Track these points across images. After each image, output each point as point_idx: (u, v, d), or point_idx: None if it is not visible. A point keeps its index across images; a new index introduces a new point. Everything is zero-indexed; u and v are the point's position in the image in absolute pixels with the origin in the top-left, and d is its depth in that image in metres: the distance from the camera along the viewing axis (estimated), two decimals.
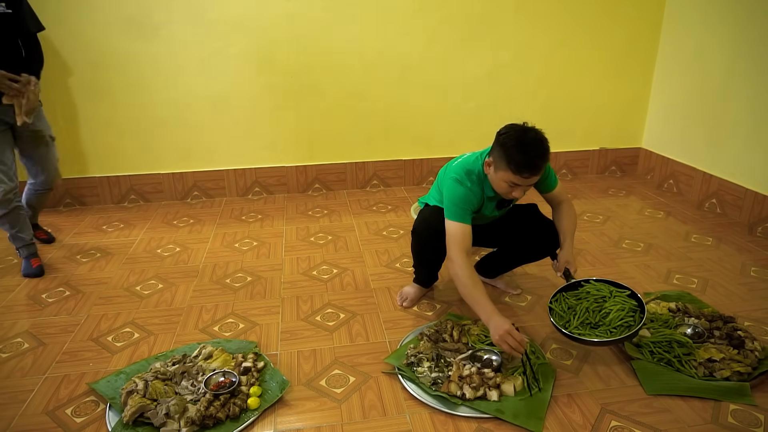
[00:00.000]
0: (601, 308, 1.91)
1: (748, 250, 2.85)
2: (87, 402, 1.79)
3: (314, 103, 3.61)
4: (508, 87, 3.77)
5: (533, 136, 1.83)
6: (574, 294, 2.01)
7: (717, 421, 1.67)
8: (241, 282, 2.58)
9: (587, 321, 1.90)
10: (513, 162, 1.80)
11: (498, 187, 1.92)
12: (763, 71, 2.97)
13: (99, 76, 3.34)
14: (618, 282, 2.00)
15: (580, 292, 2.00)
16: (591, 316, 1.90)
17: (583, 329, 1.88)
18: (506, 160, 1.82)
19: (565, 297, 2.01)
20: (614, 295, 1.94)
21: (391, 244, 2.97)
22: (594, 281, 2.02)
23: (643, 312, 1.87)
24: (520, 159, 1.79)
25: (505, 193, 1.92)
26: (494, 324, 1.80)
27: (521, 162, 1.79)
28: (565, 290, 2.03)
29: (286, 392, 1.81)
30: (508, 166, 1.82)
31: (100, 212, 3.52)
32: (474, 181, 1.98)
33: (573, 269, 2.05)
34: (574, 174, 4.09)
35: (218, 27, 3.36)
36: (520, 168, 1.80)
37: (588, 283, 2.02)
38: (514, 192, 1.89)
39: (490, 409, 1.70)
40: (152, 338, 2.14)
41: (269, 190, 3.81)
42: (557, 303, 2.00)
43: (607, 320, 1.87)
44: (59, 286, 2.57)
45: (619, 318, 1.86)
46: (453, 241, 1.94)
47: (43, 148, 2.73)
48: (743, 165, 3.16)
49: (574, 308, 1.94)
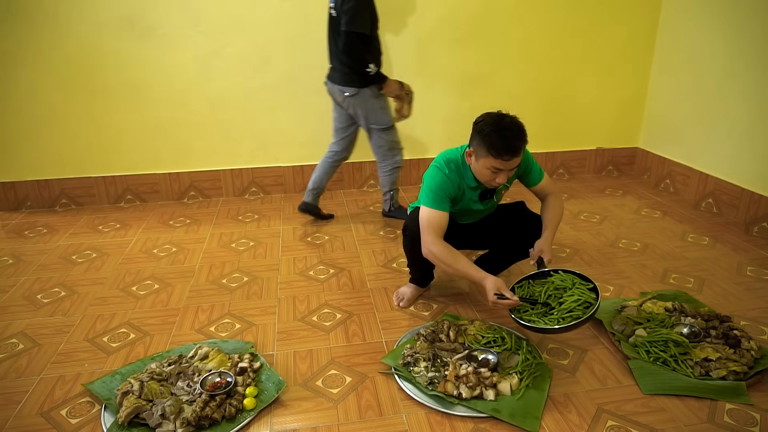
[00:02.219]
0: (560, 297, 1.91)
1: (744, 249, 2.86)
2: (82, 403, 1.78)
3: (311, 102, 3.60)
4: (504, 87, 3.77)
5: (509, 120, 1.89)
6: (540, 282, 2.01)
7: (713, 420, 1.68)
8: (238, 282, 2.58)
9: (539, 308, 1.91)
10: (493, 147, 1.86)
11: (481, 175, 1.96)
12: (759, 71, 2.98)
13: (95, 76, 3.33)
14: (585, 275, 1.98)
15: (546, 281, 2.00)
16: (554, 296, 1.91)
17: (534, 316, 1.88)
18: (486, 146, 1.87)
19: (530, 284, 2.01)
20: (576, 286, 1.94)
21: (388, 244, 2.97)
22: (562, 272, 2.01)
23: (596, 309, 1.86)
24: (499, 143, 1.85)
25: (489, 181, 1.96)
26: (488, 285, 1.88)
27: (501, 146, 1.85)
28: (532, 278, 2.03)
29: (283, 393, 1.80)
30: (489, 151, 1.87)
31: (96, 212, 3.51)
32: (453, 169, 2.02)
33: (547, 258, 2.05)
34: (571, 174, 4.09)
35: (214, 27, 3.36)
36: (500, 152, 1.85)
37: (557, 273, 2.01)
38: (497, 178, 1.93)
39: (486, 409, 1.70)
40: (148, 339, 2.13)
41: (266, 190, 3.80)
42: (521, 289, 2.00)
43: (561, 308, 1.87)
44: (54, 286, 2.56)
45: (569, 310, 1.85)
46: (427, 226, 1.98)
47: None
48: (739, 165, 3.17)
49: (533, 294, 1.96)
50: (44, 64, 3.27)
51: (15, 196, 3.53)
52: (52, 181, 3.53)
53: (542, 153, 3.96)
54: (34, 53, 3.24)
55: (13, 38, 3.19)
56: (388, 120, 2.98)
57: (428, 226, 1.98)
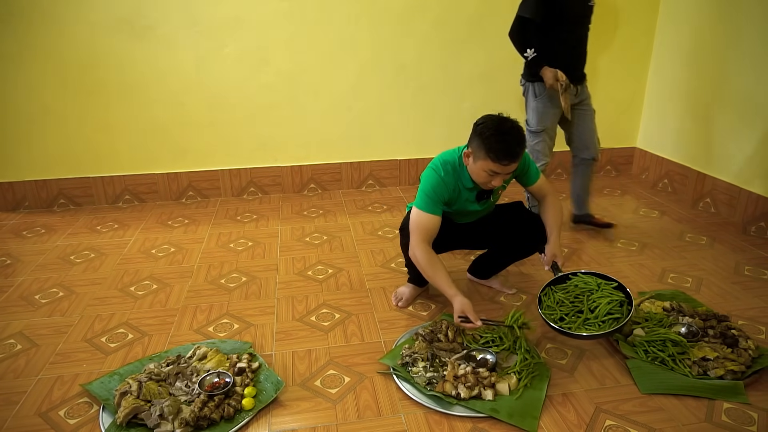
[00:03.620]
0: (589, 299, 1.91)
1: (741, 249, 2.86)
2: (80, 403, 1.78)
3: (309, 102, 3.61)
4: (502, 87, 3.77)
5: (510, 125, 1.89)
6: (561, 287, 2.01)
7: (711, 419, 1.68)
8: (236, 282, 2.58)
9: (576, 312, 1.90)
10: (492, 150, 1.85)
11: (478, 176, 1.96)
12: (756, 71, 2.98)
13: (93, 76, 3.33)
14: (605, 274, 2.01)
15: (568, 285, 2.00)
16: (581, 305, 1.90)
17: (571, 323, 1.88)
18: (485, 149, 1.86)
19: (553, 290, 2.01)
20: (602, 288, 1.95)
21: (386, 244, 2.97)
22: (582, 274, 2.02)
23: (630, 303, 1.88)
24: (498, 147, 1.84)
25: (485, 183, 1.96)
26: (456, 306, 1.91)
27: (500, 150, 1.84)
28: (553, 284, 2.04)
29: (281, 393, 1.80)
30: (488, 154, 1.86)
31: (94, 212, 3.50)
32: (449, 171, 2.02)
33: (560, 262, 2.07)
34: (569, 174, 4.09)
35: (212, 27, 3.35)
36: (499, 156, 1.85)
37: (576, 276, 2.02)
38: (493, 181, 1.93)
39: (485, 409, 1.70)
40: (146, 339, 2.13)
41: (264, 190, 3.80)
42: (546, 297, 2.00)
43: (596, 313, 1.87)
44: (53, 286, 2.55)
45: (606, 312, 1.86)
46: (416, 228, 1.99)
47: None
48: (737, 164, 3.17)
49: (563, 301, 1.95)
50: (42, 63, 3.26)
51: (13, 196, 3.52)
52: (50, 181, 3.52)
53: None
54: (32, 53, 3.23)
55: (10, 38, 3.18)
56: (535, 123, 2.79)
57: (417, 228, 1.99)
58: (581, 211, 3.07)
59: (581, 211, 3.07)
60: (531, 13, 2.62)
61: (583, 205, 3.06)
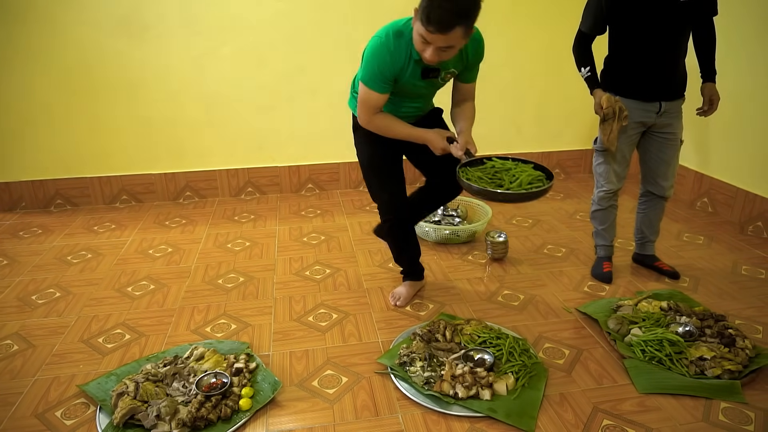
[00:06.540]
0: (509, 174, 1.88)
1: (739, 248, 2.87)
2: (77, 404, 1.78)
3: (307, 102, 3.60)
4: (500, 87, 3.77)
5: None
6: (478, 168, 1.93)
7: (708, 419, 1.68)
8: (234, 282, 2.57)
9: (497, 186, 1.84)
10: (424, 12, 1.66)
11: (415, 42, 1.79)
12: (753, 71, 2.99)
13: (90, 76, 3.32)
14: (522, 158, 1.96)
15: (485, 166, 1.93)
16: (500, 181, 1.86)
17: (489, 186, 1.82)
18: (421, 8, 1.68)
19: (469, 170, 1.91)
20: (519, 166, 1.92)
21: (384, 244, 2.95)
22: (496, 158, 1.96)
23: (549, 178, 1.83)
24: (430, 9, 1.63)
25: (420, 51, 1.79)
26: (430, 139, 1.95)
27: (431, 13, 1.63)
28: (469, 166, 1.93)
29: (278, 393, 1.80)
30: (421, 14, 1.68)
31: (91, 213, 3.49)
32: (400, 44, 1.85)
33: (474, 150, 1.96)
34: (567, 174, 4.10)
35: (210, 27, 3.35)
36: (429, 19, 1.64)
37: (491, 160, 1.95)
38: (426, 52, 1.75)
39: (482, 408, 1.70)
40: (143, 339, 2.13)
41: (262, 190, 3.79)
42: (464, 174, 1.89)
43: (517, 182, 1.83)
44: (49, 287, 2.55)
45: (528, 182, 1.83)
46: (365, 103, 1.94)
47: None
48: (734, 164, 3.18)
49: (482, 177, 1.87)
50: (39, 63, 3.25)
51: (9, 197, 3.51)
52: (47, 181, 3.51)
53: (538, 152, 3.96)
54: (29, 53, 3.22)
55: (6, 38, 3.17)
56: (600, 142, 2.44)
57: (366, 105, 1.94)
58: (644, 251, 2.69)
59: (644, 251, 2.69)
60: (586, 26, 2.33)
61: (647, 244, 2.68)
